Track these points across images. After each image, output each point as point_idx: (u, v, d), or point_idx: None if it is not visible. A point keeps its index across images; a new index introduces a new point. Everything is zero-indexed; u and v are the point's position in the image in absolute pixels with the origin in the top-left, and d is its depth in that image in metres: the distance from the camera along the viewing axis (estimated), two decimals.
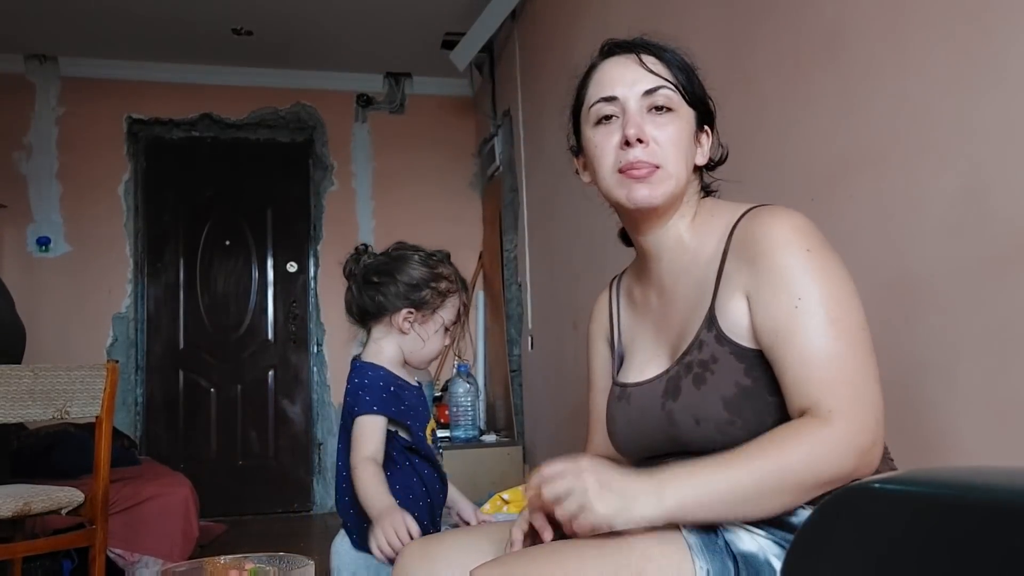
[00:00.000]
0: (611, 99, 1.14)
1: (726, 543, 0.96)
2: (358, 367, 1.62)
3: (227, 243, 5.14)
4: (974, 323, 1.31)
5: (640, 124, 1.11)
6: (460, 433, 4.03)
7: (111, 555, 2.95)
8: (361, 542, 1.58)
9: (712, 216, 1.15)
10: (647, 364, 1.19)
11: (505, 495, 2.47)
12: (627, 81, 1.14)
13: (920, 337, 1.43)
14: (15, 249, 4.69)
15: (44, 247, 4.71)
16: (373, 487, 1.48)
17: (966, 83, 1.32)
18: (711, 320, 1.05)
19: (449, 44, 4.70)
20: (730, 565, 0.94)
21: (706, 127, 1.20)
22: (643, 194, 1.11)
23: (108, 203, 4.87)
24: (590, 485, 0.93)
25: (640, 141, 1.10)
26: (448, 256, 1.69)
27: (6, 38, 4.57)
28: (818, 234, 1.03)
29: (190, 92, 5.05)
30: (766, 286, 1.00)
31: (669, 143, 1.12)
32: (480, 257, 5.17)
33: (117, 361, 2.57)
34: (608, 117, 1.14)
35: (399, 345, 1.64)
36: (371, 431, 1.55)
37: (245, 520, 4.71)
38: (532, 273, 4.08)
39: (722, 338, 1.04)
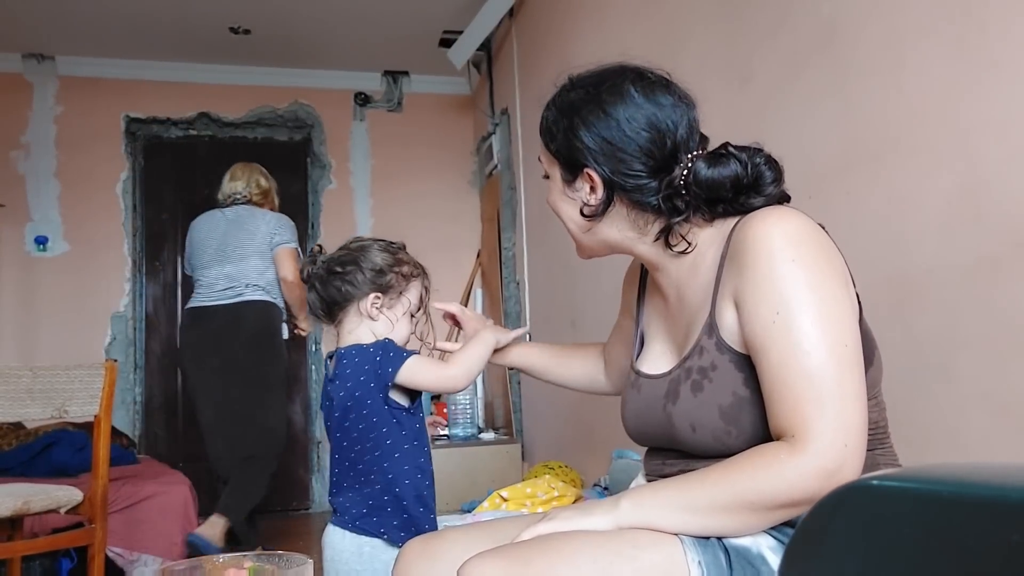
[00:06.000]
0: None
1: (718, 535, 0.97)
2: (360, 348, 1.63)
3: None
4: (971, 320, 1.31)
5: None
6: (459, 431, 4.03)
7: (110, 554, 2.95)
8: (391, 532, 1.58)
9: (714, 222, 1.11)
10: (659, 358, 1.19)
11: (504, 493, 2.47)
12: None
13: (917, 334, 1.43)
14: (13, 248, 4.69)
15: (42, 246, 4.70)
16: (472, 351, 1.62)
17: (962, 81, 1.33)
18: (711, 326, 1.05)
19: (447, 42, 4.70)
20: (722, 556, 0.95)
21: (582, 173, 1.13)
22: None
23: (106, 202, 4.87)
24: (554, 513, 1.04)
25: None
26: (404, 246, 1.75)
27: (3, 37, 4.57)
28: (812, 241, 0.98)
29: (188, 91, 5.05)
30: (750, 296, 0.98)
31: (555, 211, 1.22)
32: (478, 255, 5.17)
33: (116, 360, 2.56)
34: None
35: (372, 331, 1.66)
36: (429, 360, 1.64)
37: None
38: (530, 271, 4.08)
39: (722, 345, 1.03)
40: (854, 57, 1.60)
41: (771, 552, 0.95)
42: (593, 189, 1.12)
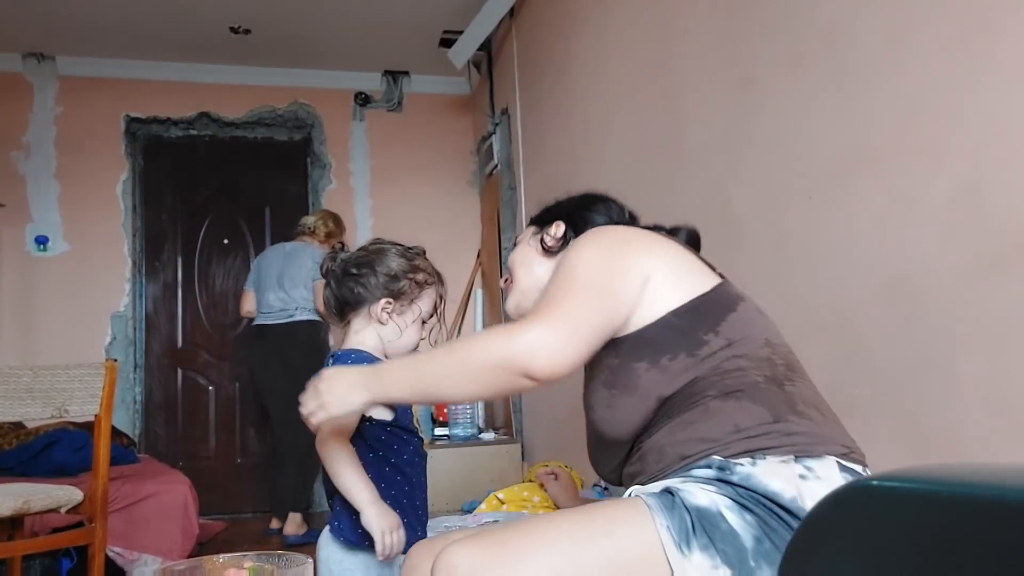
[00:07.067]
0: None
1: (681, 500, 1.04)
2: (339, 355, 1.63)
3: (225, 241, 5.14)
4: (972, 320, 1.31)
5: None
6: (459, 431, 4.03)
7: (110, 553, 2.95)
8: (348, 535, 1.56)
9: None
10: None
11: (500, 495, 2.47)
12: None
13: (918, 334, 1.43)
14: (14, 248, 4.69)
15: (43, 246, 4.70)
16: (352, 470, 1.52)
17: (963, 81, 1.33)
18: None
19: (447, 42, 4.69)
20: (687, 517, 1.01)
21: (555, 222, 1.43)
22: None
23: (106, 202, 4.86)
24: (323, 387, 1.26)
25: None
26: (424, 252, 1.73)
27: (4, 37, 4.56)
28: (607, 234, 1.24)
29: (188, 91, 5.04)
30: None
31: (514, 260, 1.46)
32: (478, 255, 5.17)
33: (116, 360, 2.56)
34: None
35: (379, 335, 1.66)
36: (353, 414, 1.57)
37: (244, 518, 4.72)
38: None
39: None
40: (853, 57, 1.60)
41: (728, 510, 1.02)
42: (555, 234, 1.41)
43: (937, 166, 1.38)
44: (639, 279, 1.17)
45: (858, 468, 1.09)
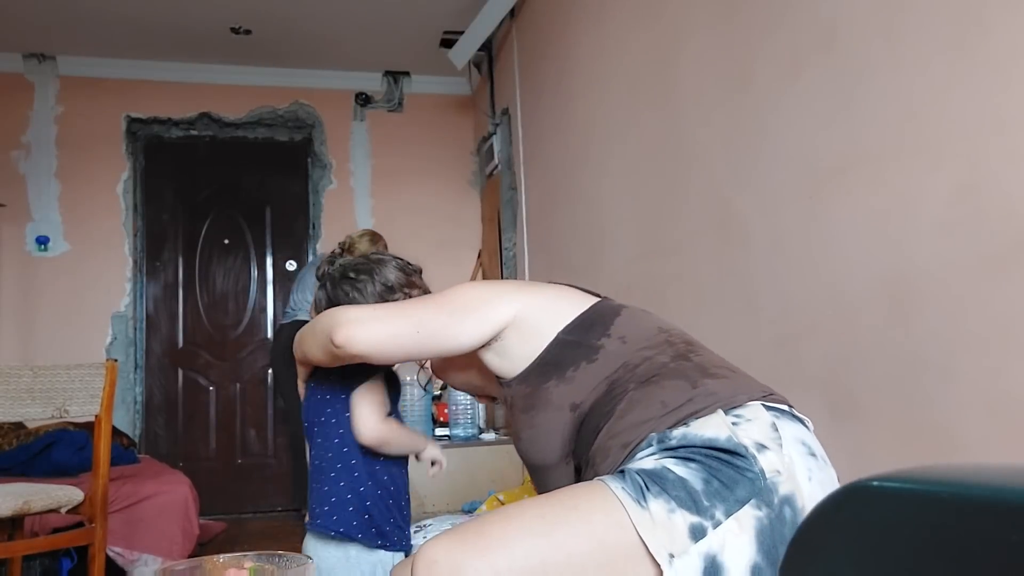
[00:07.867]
0: None
1: (631, 469, 1.11)
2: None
3: (226, 242, 5.14)
4: (971, 320, 1.31)
5: None
6: (460, 432, 4.03)
7: (110, 553, 2.95)
8: (344, 527, 1.56)
9: None
10: None
11: (501, 496, 2.47)
12: None
13: (917, 334, 1.43)
14: (14, 248, 4.69)
15: (43, 246, 4.70)
16: (400, 433, 1.64)
17: (962, 81, 1.33)
18: (498, 377, 1.38)
19: (448, 42, 4.69)
20: (638, 478, 1.08)
21: None
22: None
23: (107, 202, 4.87)
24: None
25: None
26: (421, 271, 1.76)
27: (4, 37, 4.57)
28: (489, 280, 1.32)
29: (189, 91, 5.04)
30: None
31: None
32: (479, 255, 5.17)
33: (116, 360, 2.57)
34: None
35: None
36: (380, 394, 1.62)
37: (244, 518, 4.72)
38: (531, 271, 4.08)
39: (502, 382, 1.37)
40: (854, 57, 1.60)
41: (673, 465, 1.09)
42: None
43: (935, 165, 1.38)
44: (497, 318, 1.31)
45: (783, 407, 1.18)
